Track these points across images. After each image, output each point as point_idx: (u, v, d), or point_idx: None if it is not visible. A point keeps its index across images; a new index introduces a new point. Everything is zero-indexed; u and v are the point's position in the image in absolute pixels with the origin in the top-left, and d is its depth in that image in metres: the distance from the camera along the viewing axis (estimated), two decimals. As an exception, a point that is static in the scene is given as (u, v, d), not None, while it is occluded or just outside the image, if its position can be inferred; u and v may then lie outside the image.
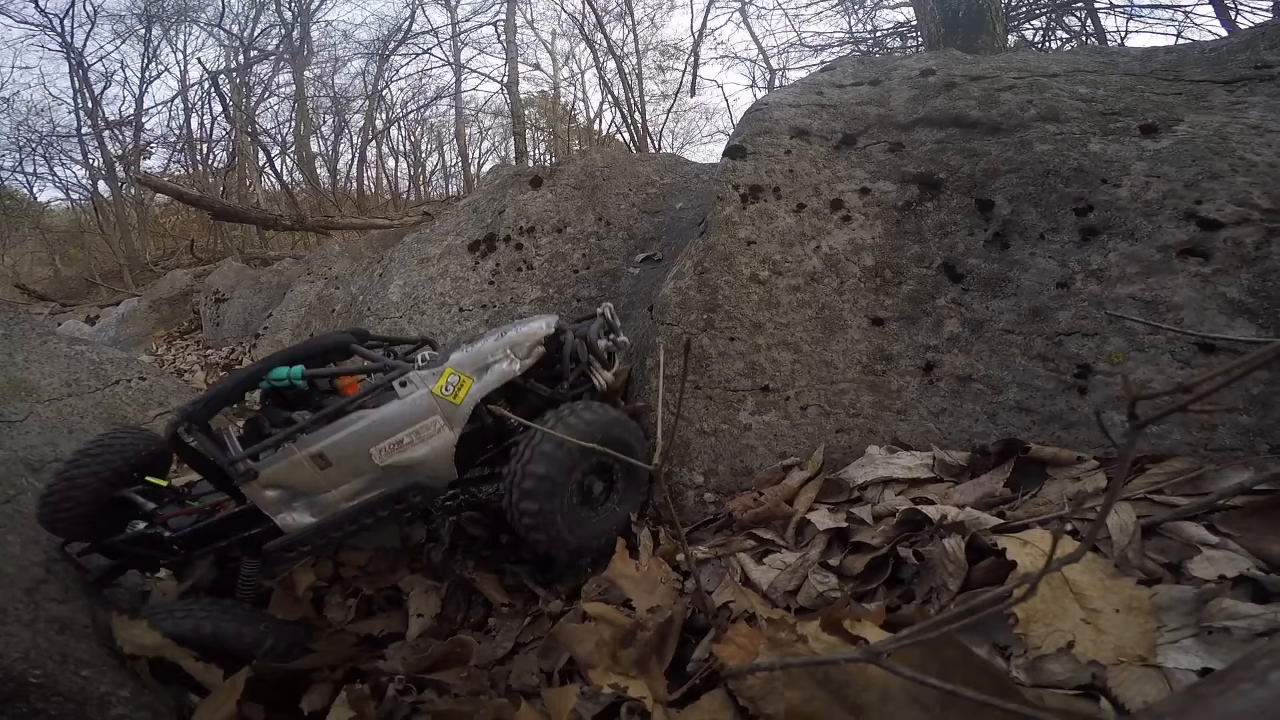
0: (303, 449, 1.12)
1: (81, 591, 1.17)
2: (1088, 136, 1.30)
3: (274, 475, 1.13)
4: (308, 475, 1.13)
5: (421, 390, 1.16)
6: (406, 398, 1.16)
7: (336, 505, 1.16)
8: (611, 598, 1.17)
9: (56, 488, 1.18)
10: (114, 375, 2.79)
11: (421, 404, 1.15)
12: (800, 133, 1.51)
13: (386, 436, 1.14)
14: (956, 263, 1.25)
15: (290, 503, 1.16)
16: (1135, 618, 0.70)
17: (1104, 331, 1.10)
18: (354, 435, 1.14)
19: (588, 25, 11.78)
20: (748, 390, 1.25)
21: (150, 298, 6.21)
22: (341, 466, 1.14)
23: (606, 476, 1.24)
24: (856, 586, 0.97)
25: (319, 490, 1.15)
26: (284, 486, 1.14)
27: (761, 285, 1.31)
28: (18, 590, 1.08)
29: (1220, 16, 5.94)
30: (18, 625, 1.03)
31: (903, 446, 1.17)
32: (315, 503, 1.16)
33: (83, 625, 1.11)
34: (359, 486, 1.16)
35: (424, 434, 1.15)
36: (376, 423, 1.14)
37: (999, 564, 0.84)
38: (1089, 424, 1.09)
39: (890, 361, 1.23)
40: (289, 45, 13.12)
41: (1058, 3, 6.86)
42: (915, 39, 7.66)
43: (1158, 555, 0.80)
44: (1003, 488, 1.03)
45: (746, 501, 1.17)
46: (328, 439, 1.13)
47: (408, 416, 1.15)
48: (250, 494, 1.14)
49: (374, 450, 1.14)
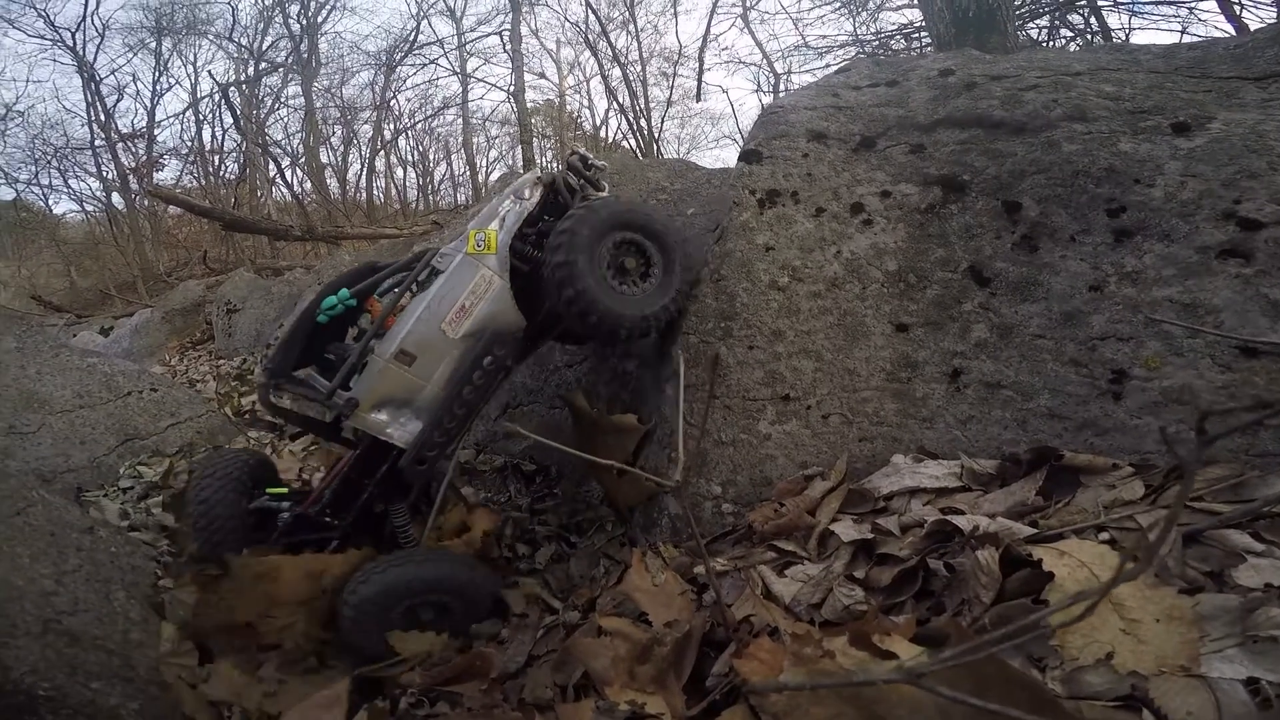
0: (384, 355, 1.17)
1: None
2: (1117, 136, 1.26)
3: (371, 394, 1.17)
4: (399, 378, 1.18)
5: (458, 257, 1.23)
6: (449, 269, 1.23)
7: (437, 397, 1.21)
8: (626, 611, 1.15)
9: (199, 516, 1.24)
10: (126, 387, 2.81)
11: (464, 267, 1.22)
12: (817, 135, 1.48)
13: (450, 307, 1.20)
14: (983, 266, 1.22)
15: (397, 416, 1.19)
16: (1177, 627, 0.68)
17: (1140, 336, 1.06)
18: (422, 319, 1.19)
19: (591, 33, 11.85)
20: (767, 399, 1.22)
21: (163, 309, 6.25)
22: (424, 355, 1.19)
23: (641, 257, 1.29)
24: (884, 599, 0.93)
25: (416, 390, 1.19)
26: (385, 402, 1.18)
27: (781, 292, 1.28)
28: (27, 603, 1.07)
29: (1225, 12, 5.89)
30: (27, 638, 1.02)
31: (929, 455, 1.13)
32: (418, 405, 1.20)
33: (93, 637, 1.10)
34: (447, 369, 1.21)
35: (479, 291, 1.22)
36: (435, 299, 1.20)
37: (1034, 575, 0.81)
38: (1124, 430, 1.05)
39: (915, 369, 1.19)
40: (297, 57, 13.29)
41: (1061, 1, 6.83)
42: (920, 40, 7.64)
43: (1199, 564, 0.77)
44: (1035, 496, 0.99)
45: (767, 513, 1.14)
46: (401, 334, 1.18)
47: (458, 282, 1.21)
48: (359, 424, 1.18)
49: (444, 326, 1.20)
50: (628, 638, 1.02)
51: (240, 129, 12.65)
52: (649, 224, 1.29)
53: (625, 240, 1.27)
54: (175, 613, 1.27)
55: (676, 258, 1.31)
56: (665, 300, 1.29)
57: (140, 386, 2.85)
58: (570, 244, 1.19)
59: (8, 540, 1.19)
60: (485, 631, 1.24)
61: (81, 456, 2.39)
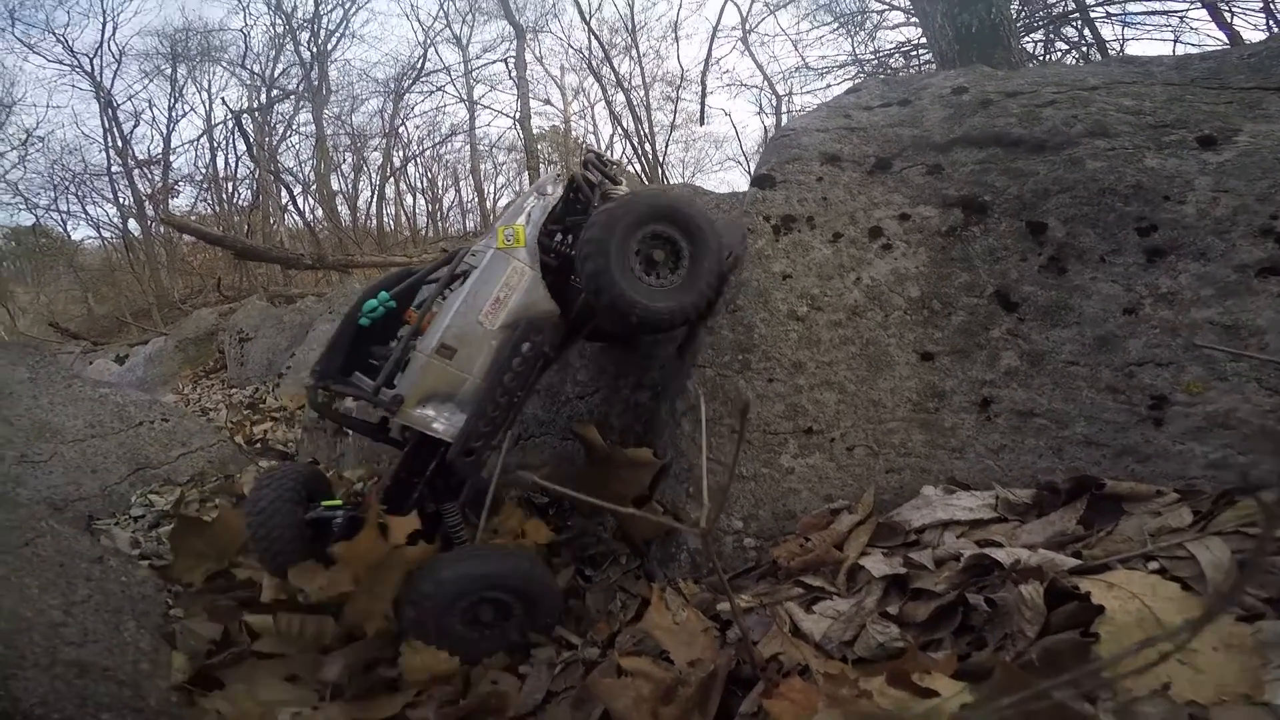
0: (425, 350, 1.21)
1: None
2: (1142, 151, 1.23)
3: (416, 389, 1.20)
4: (441, 372, 1.21)
5: (489, 253, 1.28)
6: (481, 264, 1.27)
7: (479, 388, 1.24)
8: (647, 649, 1.11)
9: (259, 529, 1.25)
10: (137, 417, 2.83)
11: (496, 261, 1.27)
12: (831, 158, 1.46)
13: (485, 300, 1.24)
14: (1010, 290, 1.18)
15: (442, 410, 1.23)
16: (1236, 655, 0.66)
17: (1180, 360, 1.02)
18: (459, 313, 1.23)
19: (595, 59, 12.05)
20: (789, 433, 1.18)
21: (177, 337, 6.32)
22: (464, 348, 1.22)
23: (670, 247, 1.31)
24: (921, 635, 0.89)
25: (458, 382, 1.23)
26: (429, 396, 1.22)
27: (800, 322, 1.25)
28: (36, 634, 1.07)
29: (1216, 19, 5.92)
30: (36, 670, 1.01)
31: (960, 486, 1.09)
32: (461, 398, 1.24)
33: (103, 668, 1.09)
34: (487, 360, 1.24)
35: (512, 283, 1.26)
36: (470, 293, 1.24)
37: (1082, 608, 0.77)
38: (1166, 456, 1.00)
39: (943, 398, 1.15)
40: (308, 84, 13.58)
41: (1054, 15, 6.89)
42: (919, 57, 7.70)
43: (1258, 590, 0.73)
44: (1075, 525, 0.95)
45: (792, 548, 1.09)
46: (440, 329, 1.22)
47: (491, 276, 1.25)
48: (405, 420, 1.22)
49: (481, 318, 1.24)
50: (650, 677, 0.99)
51: (253, 156, 12.90)
52: (675, 214, 1.31)
53: (653, 234, 1.29)
54: (186, 643, 1.25)
55: (706, 243, 1.32)
56: (698, 289, 1.31)
57: (152, 416, 2.87)
58: (598, 250, 1.22)
59: (16, 571, 1.19)
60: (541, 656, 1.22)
61: (93, 485, 2.41)
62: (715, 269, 1.32)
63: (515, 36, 11.39)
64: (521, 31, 11.41)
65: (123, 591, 1.31)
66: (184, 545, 1.60)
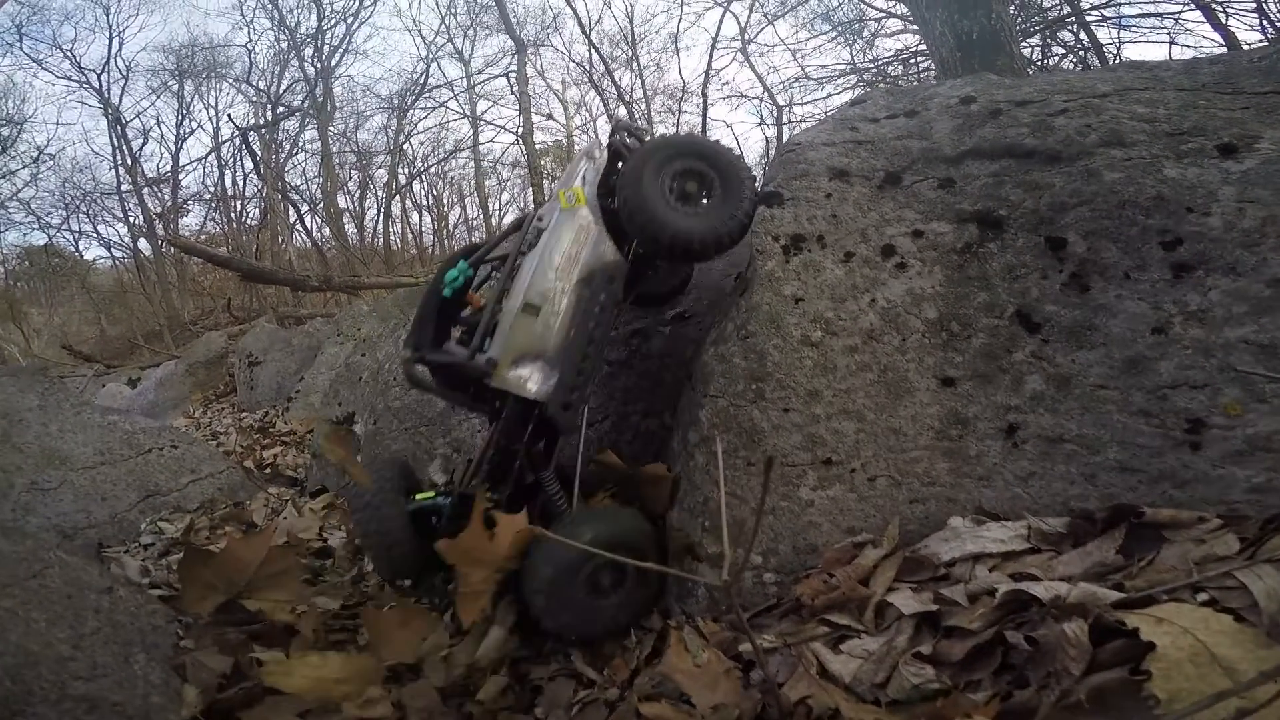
0: (512, 311, 1.25)
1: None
2: (1160, 161, 1.19)
3: (507, 350, 1.24)
4: (528, 329, 1.25)
5: (556, 213, 1.34)
6: (550, 225, 1.33)
7: (565, 342, 1.28)
8: (667, 692, 1.08)
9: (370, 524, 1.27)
10: (146, 444, 2.83)
11: (564, 220, 1.33)
12: (839, 173, 1.43)
13: (560, 257, 1.29)
14: (1031, 310, 1.14)
15: (533, 369, 1.26)
16: None
17: (1215, 382, 0.97)
18: (538, 272, 1.27)
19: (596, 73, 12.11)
20: (807, 465, 1.15)
21: (187, 360, 6.36)
22: (547, 304, 1.26)
23: (700, 180, 1.39)
24: (956, 675, 0.86)
25: (545, 338, 1.26)
26: (520, 356, 1.25)
27: (814, 348, 1.21)
28: (44, 669, 1.05)
29: (1211, 22, 5.89)
30: (44, 705, 1.00)
31: (990, 516, 1.05)
32: (549, 355, 1.27)
33: (112, 703, 1.07)
34: (569, 314, 1.28)
35: (581, 239, 1.32)
36: (546, 252, 1.29)
37: (1129, 645, 0.74)
38: (1206, 481, 0.96)
39: (966, 425, 1.11)
40: (313, 101, 13.70)
41: (1050, 19, 6.88)
42: (918, 65, 7.69)
43: None
44: (1114, 555, 0.91)
45: (816, 584, 1.06)
46: (523, 288, 1.26)
47: (562, 234, 1.31)
48: (499, 383, 1.24)
49: (558, 274, 1.28)
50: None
51: (260, 174, 13.03)
52: (704, 150, 1.42)
53: (685, 169, 1.38)
54: (198, 675, 1.22)
55: (734, 176, 1.39)
56: (728, 213, 1.36)
57: (161, 443, 2.87)
58: (635, 187, 1.32)
59: (24, 605, 1.17)
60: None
61: (103, 513, 2.40)
62: (744, 199, 1.38)
63: (516, 51, 11.45)
64: (522, 46, 11.47)
65: (132, 623, 1.29)
66: (192, 576, 1.58)
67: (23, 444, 2.53)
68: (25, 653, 1.05)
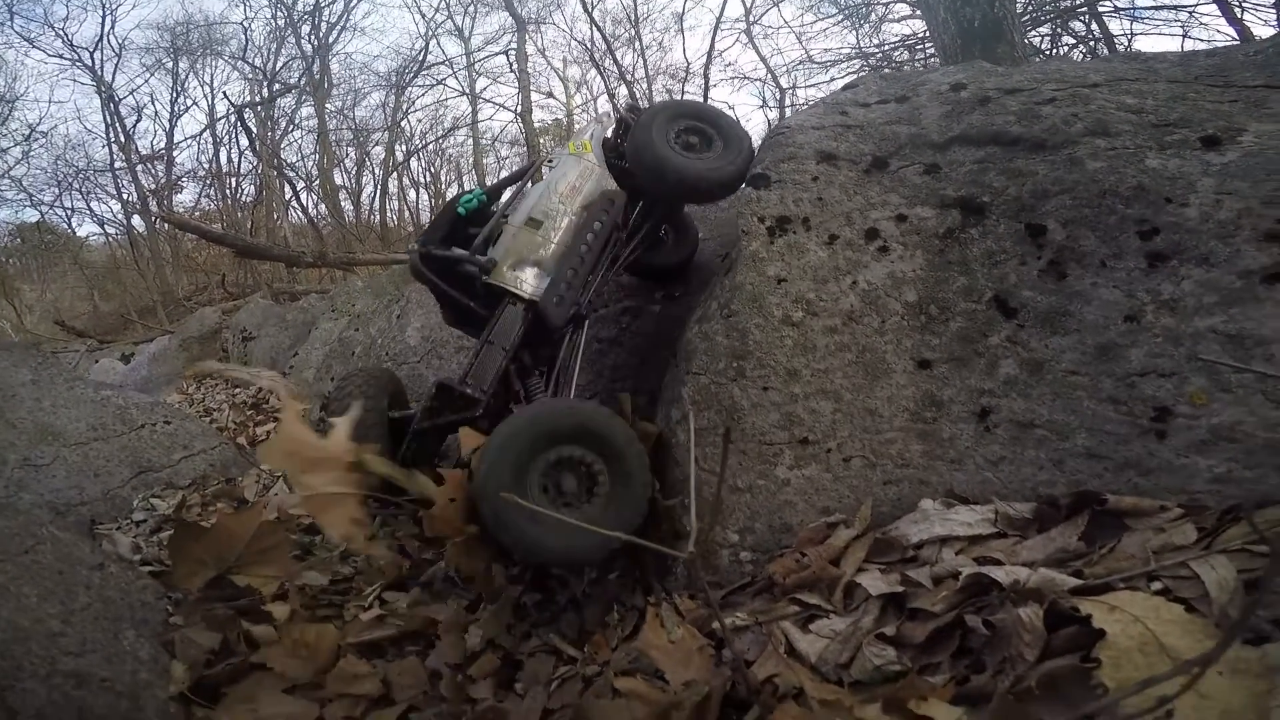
0: (516, 223, 1.45)
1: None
2: (1144, 151, 1.20)
3: (507, 254, 1.41)
4: (528, 239, 1.43)
5: (563, 156, 1.58)
6: (558, 163, 1.56)
7: (561, 252, 1.45)
8: (642, 668, 1.10)
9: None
10: (139, 419, 2.82)
11: (571, 160, 1.56)
12: (827, 157, 1.43)
13: (565, 185, 1.50)
14: (1009, 296, 1.15)
15: (529, 273, 1.42)
16: (1242, 680, 0.64)
17: (1183, 371, 0.99)
18: (544, 194, 1.48)
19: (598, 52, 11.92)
20: (785, 443, 1.16)
21: (181, 335, 6.33)
22: (548, 220, 1.45)
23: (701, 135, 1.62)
24: (918, 657, 0.87)
25: (543, 248, 1.43)
26: (519, 261, 1.42)
27: (795, 328, 1.22)
28: (34, 645, 1.06)
29: (1226, 15, 5.80)
30: (34, 680, 1.01)
31: (959, 499, 1.07)
32: (546, 264, 1.43)
33: (100, 679, 1.08)
34: (568, 232, 1.46)
35: (585, 174, 1.54)
36: (552, 180, 1.51)
37: (1083, 632, 0.76)
38: (1170, 470, 0.98)
39: (941, 408, 1.13)
40: (310, 78, 13.50)
41: (1062, 8, 6.78)
42: (924, 51, 7.60)
43: (1264, 612, 0.71)
44: (1077, 542, 0.93)
45: (788, 564, 1.08)
46: (529, 205, 1.47)
47: (568, 170, 1.53)
48: (497, 279, 1.40)
49: (561, 199, 1.48)
50: (644, 698, 0.98)
51: (255, 151, 12.86)
52: (702, 113, 1.66)
53: (687, 127, 1.60)
54: (186, 651, 1.24)
55: (731, 132, 1.61)
56: (726, 159, 1.57)
57: (154, 419, 2.86)
58: (644, 132, 1.54)
59: (15, 580, 1.17)
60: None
61: (95, 489, 2.40)
62: (740, 154, 1.58)
63: (516, 29, 11.27)
64: (522, 24, 11.29)
65: (122, 599, 1.30)
66: (182, 552, 1.60)
67: (15, 419, 2.52)
68: (16, 628, 1.06)
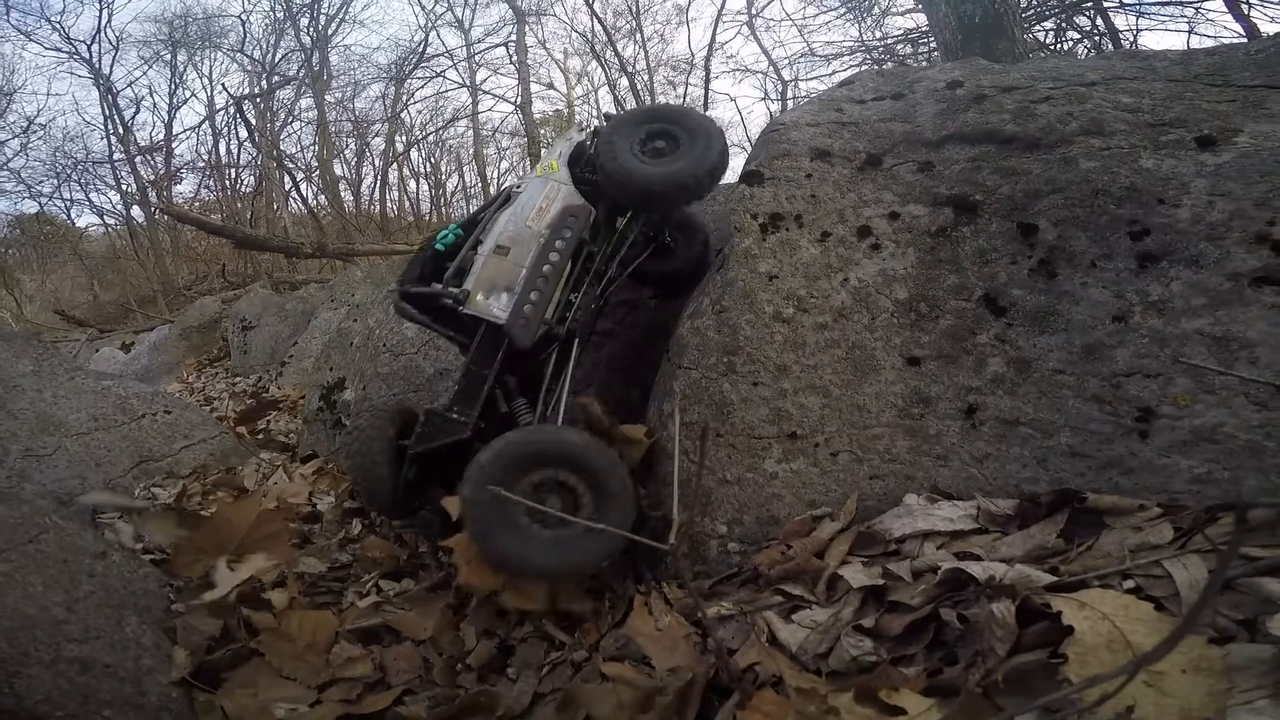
0: (485, 252, 1.50)
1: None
2: (1138, 151, 1.20)
3: (478, 283, 1.47)
4: (497, 266, 1.48)
5: (531, 180, 1.62)
6: (526, 189, 1.60)
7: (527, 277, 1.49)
8: (629, 654, 1.12)
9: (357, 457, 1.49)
10: (140, 409, 2.83)
11: (536, 184, 1.59)
12: (821, 154, 1.43)
13: (531, 210, 1.54)
14: (999, 294, 1.16)
15: (500, 298, 1.46)
16: (1204, 678, 0.65)
17: (1168, 372, 1.00)
18: (511, 220, 1.54)
19: (598, 43, 11.86)
20: (773, 438, 1.18)
21: (181, 325, 6.35)
22: (515, 246, 1.50)
23: (670, 139, 1.62)
24: (893, 649, 0.89)
25: (514, 275, 1.48)
26: (490, 288, 1.47)
27: (786, 324, 1.23)
28: (39, 632, 1.08)
29: (1233, 11, 5.75)
30: (39, 667, 1.03)
31: (943, 495, 1.08)
32: (516, 289, 1.47)
33: (104, 665, 1.10)
34: (535, 253, 1.50)
35: (551, 196, 1.57)
36: (520, 206, 1.56)
37: (1053, 628, 0.77)
38: (1151, 470, 0.99)
39: (928, 404, 1.14)
40: (309, 70, 13.45)
41: (1067, 3, 6.72)
42: (927, 45, 7.55)
43: (1231, 612, 0.72)
44: (1055, 539, 0.94)
45: (774, 555, 1.09)
46: (496, 235, 1.52)
47: (535, 193, 1.57)
48: (473, 308, 1.45)
49: (529, 222, 1.53)
50: (630, 684, 1.00)
51: (255, 142, 12.84)
52: (664, 114, 1.67)
53: (652, 131, 1.61)
54: (188, 638, 1.26)
55: (703, 131, 1.59)
56: (688, 161, 1.55)
57: (154, 409, 2.88)
58: (607, 145, 1.56)
59: (20, 569, 1.19)
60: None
61: (97, 479, 2.42)
62: (711, 150, 1.56)
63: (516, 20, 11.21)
64: (522, 15, 11.23)
65: (125, 587, 1.32)
66: (183, 540, 1.62)
67: (17, 410, 2.53)
68: (21, 616, 1.08)
